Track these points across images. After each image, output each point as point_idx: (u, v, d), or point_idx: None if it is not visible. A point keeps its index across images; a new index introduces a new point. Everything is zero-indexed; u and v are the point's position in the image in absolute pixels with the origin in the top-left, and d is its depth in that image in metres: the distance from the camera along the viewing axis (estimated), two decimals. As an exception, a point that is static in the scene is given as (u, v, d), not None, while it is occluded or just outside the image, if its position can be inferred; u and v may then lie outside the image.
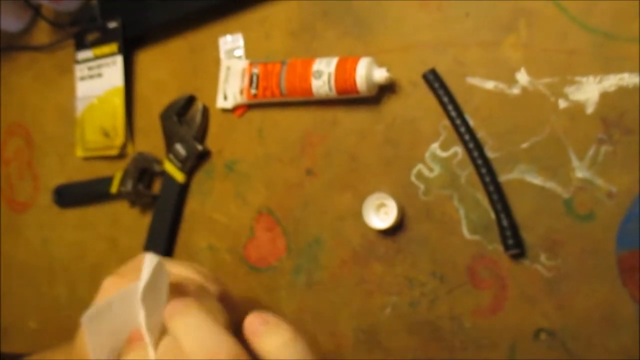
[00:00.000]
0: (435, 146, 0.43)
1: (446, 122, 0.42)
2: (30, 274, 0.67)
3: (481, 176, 0.41)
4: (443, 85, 0.42)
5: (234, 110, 0.53)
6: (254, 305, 0.50)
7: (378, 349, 0.45)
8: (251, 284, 0.50)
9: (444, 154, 0.43)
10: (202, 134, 0.54)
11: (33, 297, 0.66)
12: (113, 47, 0.60)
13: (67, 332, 0.47)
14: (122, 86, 0.59)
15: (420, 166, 0.44)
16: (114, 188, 0.58)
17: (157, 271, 0.33)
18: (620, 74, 0.37)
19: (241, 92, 0.51)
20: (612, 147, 0.37)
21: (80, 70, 0.63)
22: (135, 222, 0.58)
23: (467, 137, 0.41)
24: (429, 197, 0.43)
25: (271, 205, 0.50)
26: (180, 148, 0.54)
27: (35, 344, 0.67)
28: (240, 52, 0.53)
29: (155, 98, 0.58)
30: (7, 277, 0.57)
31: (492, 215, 0.40)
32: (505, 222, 0.39)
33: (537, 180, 0.39)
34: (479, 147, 0.41)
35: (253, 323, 0.31)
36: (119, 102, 0.59)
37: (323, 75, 0.45)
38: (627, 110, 0.37)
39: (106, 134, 0.60)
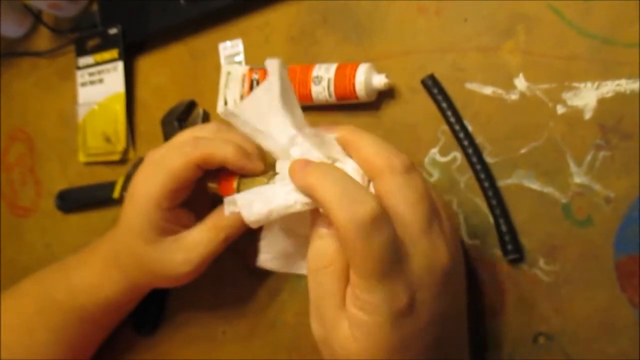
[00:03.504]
0: (434, 151, 0.43)
1: (445, 127, 0.43)
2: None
3: (480, 181, 0.41)
4: (442, 91, 0.43)
5: (234, 115, 0.53)
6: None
7: (379, 353, 0.45)
8: (253, 287, 0.50)
9: (443, 159, 0.43)
10: (202, 140, 0.55)
11: (36, 302, 0.67)
12: (114, 53, 0.60)
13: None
14: (123, 92, 0.59)
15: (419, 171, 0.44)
16: (116, 193, 0.59)
17: (284, 74, 0.34)
18: (618, 79, 0.38)
19: (241, 97, 0.51)
20: (609, 153, 0.37)
21: (81, 76, 0.63)
22: (137, 227, 0.59)
23: (466, 142, 0.42)
24: (428, 202, 0.43)
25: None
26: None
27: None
28: (240, 57, 0.53)
29: (156, 104, 0.58)
30: (10, 282, 0.57)
31: (491, 220, 0.41)
32: (504, 227, 0.40)
33: (535, 185, 0.40)
34: (477, 152, 0.41)
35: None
36: (120, 107, 0.60)
37: (322, 81, 0.45)
38: (625, 116, 0.37)
39: (108, 140, 0.61)
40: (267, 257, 0.38)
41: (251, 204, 0.33)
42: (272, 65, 0.35)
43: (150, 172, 0.43)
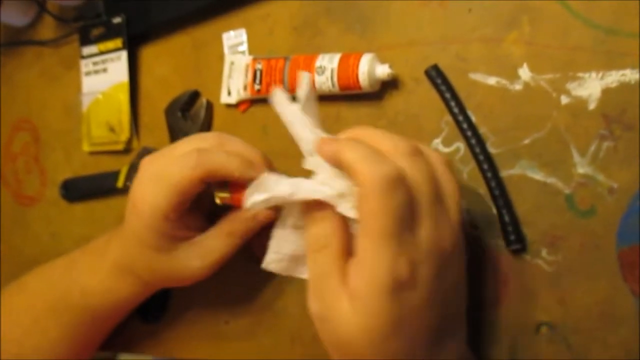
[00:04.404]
0: (437, 142, 0.43)
1: (448, 118, 0.43)
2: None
3: (483, 172, 0.41)
4: (445, 82, 0.43)
5: (237, 105, 0.53)
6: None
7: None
8: (257, 277, 0.51)
9: (446, 150, 0.43)
10: (206, 130, 0.55)
11: (42, 290, 0.67)
12: (117, 42, 0.60)
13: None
14: (126, 81, 0.60)
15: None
16: (120, 182, 0.59)
17: (311, 87, 0.37)
18: (623, 69, 0.37)
19: (245, 87, 0.51)
20: (613, 143, 0.37)
21: (85, 66, 0.63)
22: (141, 216, 0.59)
23: (469, 133, 0.42)
24: (431, 192, 0.43)
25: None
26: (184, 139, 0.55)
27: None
28: (243, 47, 0.53)
29: (160, 94, 0.58)
30: (15, 271, 0.58)
31: (494, 210, 0.41)
32: (507, 218, 0.40)
33: (538, 175, 0.40)
34: (481, 142, 0.41)
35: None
36: (124, 97, 0.60)
37: (326, 71, 0.45)
38: (629, 106, 0.37)
39: (112, 129, 0.61)
40: (274, 257, 0.38)
41: (277, 184, 0.35)
42: (305, 77, 0.37)
43: (153, 185, 0.42)
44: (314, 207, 0.35)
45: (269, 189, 0.35)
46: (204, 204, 0.45)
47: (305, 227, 0.36)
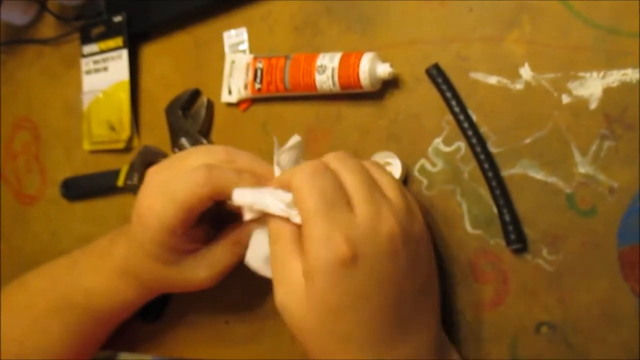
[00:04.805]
0: (438, 141, 0.43)
1: (449, 117, 0.43)
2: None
3: (484, 171, 0.41)
4: (446, 81, 0.43)
5: (238, 104, 0.53)
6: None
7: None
8: (258, 281, 0.51)
9: (447, 149, 0.43)
10: (207, 128, 0.55)
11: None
12: (118, 41, 0.60)
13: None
14: (127, 80, 0.59)
15: (423, 161, 0.44)
16: (120, 181, 0.59)
17: (297, 146, 0.40)
18: (624, 69, 0.37)
19: (245, 86, 0.51)
20: (614, 143, 0.37)
21: (86, 64, 0.63)
22: (142, 215, 0.59)
23: (470, 132, 0.41)
24: (432, 191, 0.43)
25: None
26: (185, 142, 0.55)
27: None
28: (244, 46, 0.53)
29: (160, 92, 0.58)
30: (16, 270, 0.58)
31: (495, 210, 0.41)
32: (507, 217, 0.40)
33: (539, 175, 0.40)
34: (482, 142, 0.41)
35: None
36: (124, 96, 0.60)
37: (327, 70, 0.45)
38: (630, 106, 0.37)
39: (112, 128, 0.61)
40: (252, 256, 0.40)
41: (244, 194, 0.39)
42: (294, 138, 0.41)
43: (160, 199, 0.41)
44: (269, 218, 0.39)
45: (236, 199, 0.40)
46: (210, 214, 0.45)
47: (268, 231, 0.39)
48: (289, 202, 0.37)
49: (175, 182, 0.41)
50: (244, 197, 0.39)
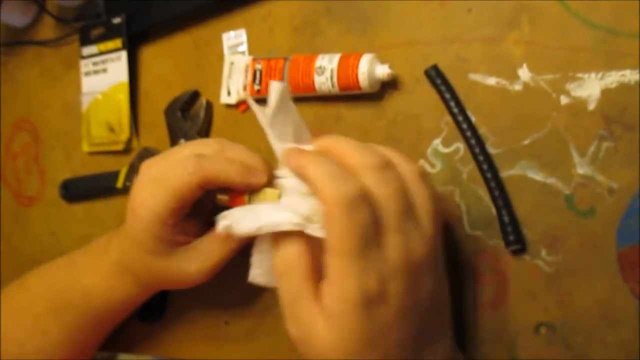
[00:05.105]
0: (437, 142, 0.43)
1: (448, 118, 0.43)
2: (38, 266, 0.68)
3: (483, 172, 0.41)
4: (445, 82, 0.43)
5: (237, 105, 0.53)
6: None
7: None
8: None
9: (445, 150, 0.43)
10: (206, 130, 0.55)
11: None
12: (117, 42, 0.60)
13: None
14: (126, 81, 0.59)
15: (422, 162, 0.44)
16: (119, 183, 0.59)
17: (283, 96, 0.37)
18: (622, 70, 0.37)
19: (244, 87, 0.51)
20: (613, 144, 0.37)
21: (85, 66, 0.63)
22: (141, 216, 0.59)
23: (469, 133, 0.41)
24: (431, 192, 0.43)
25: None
26: (184, 143, 0.55)
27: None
28: (243, 47, 0.53)
29: (160, 93, 0.58)
30: (15, 270, 0.58)
31: (494, 211, 0.41)
32: (506, 218, 0.40)
33: (538, 176, 0.40)
34: (480, 143, 0.41)
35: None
36: (123, 97, 0.60)
37: (326, 71, 0.45)
38: (629, 107, 0.37)
39: (111, 129, 0.61)
40: (258, 272, 0.39)
41: (242, 219, 0.36)
42: (274, 87, 0.37)
43: (152, 189, 0.42)
44: (278, 235, 0.35)
45: (238, 228, 0.36)
46: (203, 209, 0.45)
47: (273, 253, 0.36)
48: (307, 214, 0.34)
49: (166, 171, 0.41)
50: (247, 225, 0.36)
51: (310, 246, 0.35)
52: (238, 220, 0.37)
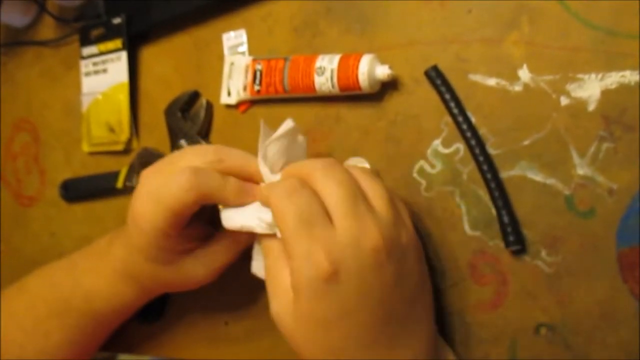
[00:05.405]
0: (437, 143, 0.43)
1: (448, 118, 0.43)
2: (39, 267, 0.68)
3: (483, 173, 0.41)
4: (445, 82, 0.43)
5: (237, 106, 0.53)
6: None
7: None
8: (257, 282, 0.51)
9: (445, 151, 0.43)
10: (206, 130, 0.55)
11: (41, 290, 0.67)
12: (117, 43, 0.60)
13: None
14: (126, 82, 0.59)
15: (422, 163, 0.44)
16: (119, 183, 0.59)
17: (290, 133, 0.40)
18: (622, 71, 0.37)
19: (245, 88, 0.51)
20: (613, 144, 0.37)
21: (85, 66, 0.63)
22: (141, 216, 0.59)
23: (469, 133, 0.42)
24: (430, 193, 0.43)
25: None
26: (184, 144, 0.55)
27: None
28: (243, 48, 0.53)
29: (160, 94, 0.58)
30: (15, 271, 0.58)
31: (494, 211, 0.41)
32: (506, 219, 0.40)
33: (538, 177, 0.40)
34: (480, 143, 0.41)
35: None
36: (123, 97, 0.60)
37: (326, 71, 0.45)
38: (629, 107, 0.37)
39: (111, 130, 0.61)
40: (257, 266, 0.42)
41: (231, 217, 0.41)
42: (286, 123, 0.41)
43: (150, 204, 0.41)
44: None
45: (227, 224, 0.41)
46: (205, 212, 0.45)
47: (262, 251, 0.40)
48: (271, 221, 0.38)
49: (163, 187, 0.41)
50: (232, 221, 0.41)
51: None
52: (228, 218, 0.41)
